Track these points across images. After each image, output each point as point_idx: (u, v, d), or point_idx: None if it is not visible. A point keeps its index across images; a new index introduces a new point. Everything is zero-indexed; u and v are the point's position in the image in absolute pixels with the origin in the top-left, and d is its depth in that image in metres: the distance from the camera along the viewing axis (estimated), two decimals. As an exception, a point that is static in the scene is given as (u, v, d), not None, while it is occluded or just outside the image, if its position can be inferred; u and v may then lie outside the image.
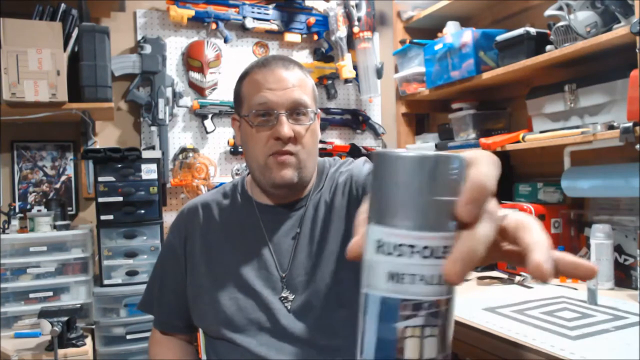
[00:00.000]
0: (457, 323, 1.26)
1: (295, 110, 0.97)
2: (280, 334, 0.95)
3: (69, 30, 1.93)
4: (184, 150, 2.29)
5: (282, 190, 1.00)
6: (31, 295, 1.79)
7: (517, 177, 2.14)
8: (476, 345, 1.20)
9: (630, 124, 1.39)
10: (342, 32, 2.45)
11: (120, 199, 1.89)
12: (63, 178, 2.16)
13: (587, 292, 1.41)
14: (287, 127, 0.95)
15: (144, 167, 1.93)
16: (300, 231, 1.01)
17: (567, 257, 0.36)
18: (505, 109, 2.18)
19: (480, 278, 1.75)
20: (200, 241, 1.05)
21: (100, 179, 1.88)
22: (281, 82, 0.97)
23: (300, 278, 0.98)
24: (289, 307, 0.97)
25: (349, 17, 2.47)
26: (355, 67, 2.47)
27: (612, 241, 1.58)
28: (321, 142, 2.42)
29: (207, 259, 1.04)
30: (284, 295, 0.97)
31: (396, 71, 2.58)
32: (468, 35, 1.99)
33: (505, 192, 2.04)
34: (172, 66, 2.31)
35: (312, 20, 2.46)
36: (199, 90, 2.33)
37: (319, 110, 1.04)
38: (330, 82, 2.52)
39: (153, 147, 2.18)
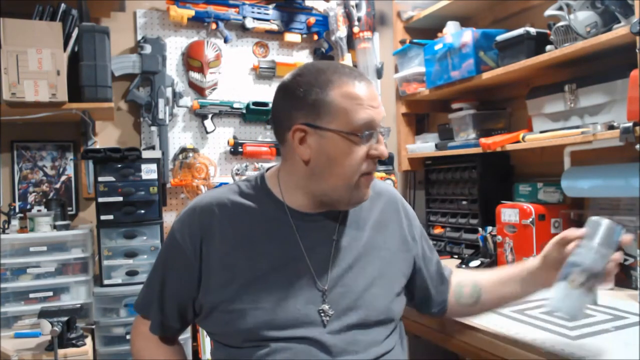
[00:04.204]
0: (457, 323, 1.26)
1: (380, 129, 0.96)
2: (313, 348, 0.92)
3: (69, 30, 1.93)
4: (184, 150, 2.29)
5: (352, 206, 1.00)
6: (31, 295, 1.79)
7: (517, 177, 2.14)
8: (476, 345, 1.20)
9: (630, 124, 1.39)
10: (342, 32, 2.45)
11: (120, 199, 1.89)
12: (63, 178, 2.16)
13: (587, 292, 1.41)
14: (384, 147, 0.95)
15: (144, 167, 1.93)
16: (337, 240, 1.00)
17: None
18: (505, 109, 2.18)
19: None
20: (220, 245, 0.97)
21: (100, 179, 1.88)
22: (377, 99, 0.95)
23: (339, 290, 0.96)
24: (326, 321, 0.94)
25: (349, 17, 2.47)
26: (355, 67, 2.47)
27: (612, 241, 1.57)
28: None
29: (230, 264, 0.96)
30: (322, 308, 0.94)
31: (396, 71, 2.58)
32: (468, 35, 1.99)
33: (505, 192, 2.03)
34: (172, 66, 2.31)
35: (312, 20, 2.46)
36: (199, 90, 2.33)
37: None
38: (330, 82, 2.52)
39: (153, 147, 2.18)
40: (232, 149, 2.35)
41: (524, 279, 1.05)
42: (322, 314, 0.94)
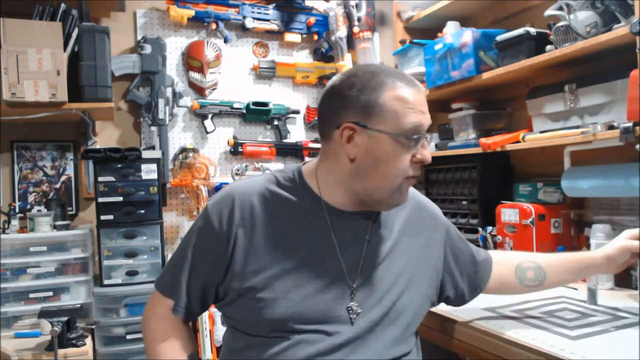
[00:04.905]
0: (457, 323, 1.26)
1: (426, 135, 0.98)
2: (337, 343, 0.93)
3: (69, 30, 1.93)
4: (184, 150, 2.29)
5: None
6: (31, 295, 1.80)
7: (517, 177, 2.14)
8: (476, 345, 1.20)
9: (630, 124, 1.39)
10: (342, 32, 2.45)
11: (120, 199, 1.89)
12: (63, 178, 2.16)
13: (587, 292, 1.41)
14: (428, 152, 0.97)
15: (144, 167, 1.93)
16: (369, 240, 1.01)
17: None
18: (505, 109, 2.18)
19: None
20: (256, 233, 0.97)
21: (100, 179, 1.88)
22: (426, 105, 0.97)
23: (367, 288, 0.98)
24: (353, 319, 0.95)
25: (349, 17, 2.47)
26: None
27: (612, 241, 1.57)
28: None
29: (264, 252, 0.96)
30: (350, 305, 0.96)
31: (396, 71, 2.58)
32: (468, 35, 1.99)
33: (505, 192, 2.03)
34: (172, 66, 2.31)
35: (312, 20, 2.46)
36: (199, 90, 2.33)
37: None
38: (330, 82, 2.52)
39: (153, 147, 2.18)
40: (232, 149, 2.35)
41: (585, 270, 1.23)
42: (350, 311, 0.95)
